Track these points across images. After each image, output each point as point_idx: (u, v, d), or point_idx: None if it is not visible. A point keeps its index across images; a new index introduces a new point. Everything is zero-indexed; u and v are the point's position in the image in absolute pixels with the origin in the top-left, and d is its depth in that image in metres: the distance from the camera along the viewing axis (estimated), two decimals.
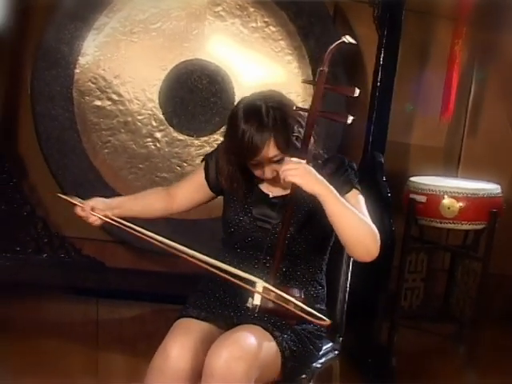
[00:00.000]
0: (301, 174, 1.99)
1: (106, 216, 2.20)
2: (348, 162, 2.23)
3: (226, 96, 3.88)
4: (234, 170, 2.21)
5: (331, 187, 2.03)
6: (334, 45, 2.04)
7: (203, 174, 2.35)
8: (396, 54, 3.61)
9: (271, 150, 2.10)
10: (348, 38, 2.03)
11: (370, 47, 3.81)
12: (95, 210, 2.21)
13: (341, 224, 2.04)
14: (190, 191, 2.37)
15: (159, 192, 2.41)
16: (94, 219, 2.21)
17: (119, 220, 2.18)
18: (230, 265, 2.08)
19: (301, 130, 2.13)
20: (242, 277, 2.02)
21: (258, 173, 2.18)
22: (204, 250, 2.10)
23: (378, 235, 2.09)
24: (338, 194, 2.03)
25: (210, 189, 2.35)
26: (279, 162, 2.12)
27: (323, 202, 2.01)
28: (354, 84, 2.09)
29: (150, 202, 2.37)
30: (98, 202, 2.24)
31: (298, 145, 2.11)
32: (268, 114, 2.10)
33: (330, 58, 2.03)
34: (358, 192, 2.18)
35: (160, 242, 2.09)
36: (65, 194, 2.32)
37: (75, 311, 3.80)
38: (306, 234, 2.14)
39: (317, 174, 2.03)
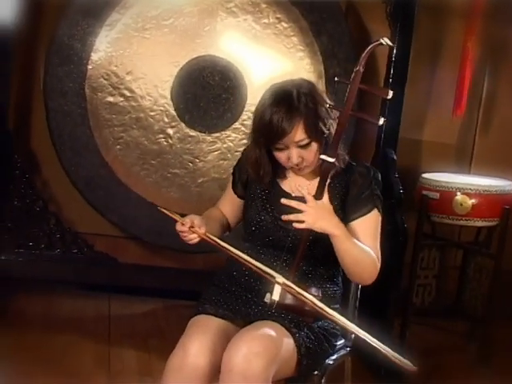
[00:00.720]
0: (313, 219, 2.02)
1: (204, 234, 2.14)
2: (374, 173, 2.24)
3: (237, 92, 3.88)
4: (262, 155, 2.20)
5: (342, 226, 2.07)
6: (371, 46, 2.05)
7: (231, 186, 2.38)
8: (409, 50, 3.60)
9: (299, 134, 2.11)
10: (386, 40, 2.04)
11: None
12: (194, 226, 2.15)
13: (345, 258, 2.12)
14: (231, 207, 2.40)
15: (220, 211, 2.40)
16: (193, 236, 2.15)
17: (215, 238, 2.14)
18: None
19: (331, 121, 2.15)
20: (263, 270, 2.04)
21: (283, 159, 2.17)
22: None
23: (379, 265, 2.17)
24: (347, 233, 2.08)
25: (239, 197, 2.36)
26: (306, 147, 2.13)
27: (332, 239, 2.07)
28: (365, 80, 2.09)
29: (222, 222, 2.37)
30: (196, 218, 2.18)
31: (326, 131, 2.13)
32: (299, 98, 2.12)
33: (367, 59, 2.03)
34: (377, 214, 2.21)
35: (251, 263, 2.08)
36: (162, 208, 2.24)
37: (87, 307, 3.81)
38: (326, 237, 2.14)
39: (330, 211, 2.06)
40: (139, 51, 3.79)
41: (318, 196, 2.08)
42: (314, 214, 2.02)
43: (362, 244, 2.12)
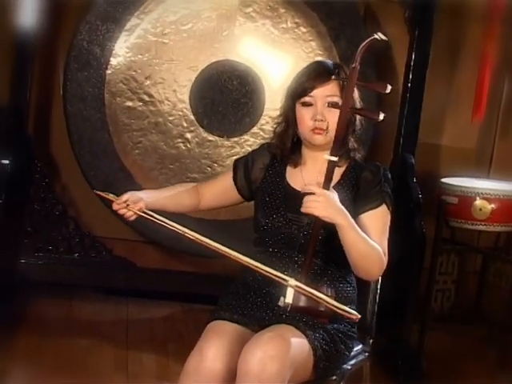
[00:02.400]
0: (322, 206, 2.02)
1: (140, 210, 2.22)
2: (384, 171, 2.26)
3: (256, 97, 3.89)
4: (292, 111, 2.26)
5: (349, 217, 2.07)
6: (366, 41, 2.06)
7: (231, 176, 2.39)
8: (427, 54, 3.60)
9: (332, 87, 2.20)
10: (380, 35, 2.05)
11: (401, 48, 3.79)
12: (130, 203, 2.23)
13: (351, 251, 2.10)
14: (218, 191, 2.42)
15: (189, 188, 2.44)
16: (130, 214, 2.24)
17: (153, 214, 2.20)
18: (261, 263, 2.09)
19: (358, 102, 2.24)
20: (274, 275, 2.04)
21: (307, 117, 2.21)
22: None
23: (386, 260, 2.16)
24: (354, 225, 2.08)
25: (238, 191, 2.38)
26: (333, 106, 2.16)
27: (339, 230, 2.07)
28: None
29: (181, 198, 2.41)
30: (132, 195, 2.27)
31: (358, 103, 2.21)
32: (338, 64, 2.32)
33: (362, 55, 2.04)
34: (386, 209, 2.21)
35: (192, 236, 2.11)
36: (98, 191, 2.33)
37: (106, 311, 3.82)
38: (337, 234, 2.14)
39: (337, 201, 2.06)
40: (158, 56, 3.81)
41: (324, 187, 2.08)
42: (323, 201, 2.02)
43: (368, 238, 2.12)
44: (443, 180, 3.84)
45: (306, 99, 2.21)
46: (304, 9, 3.88)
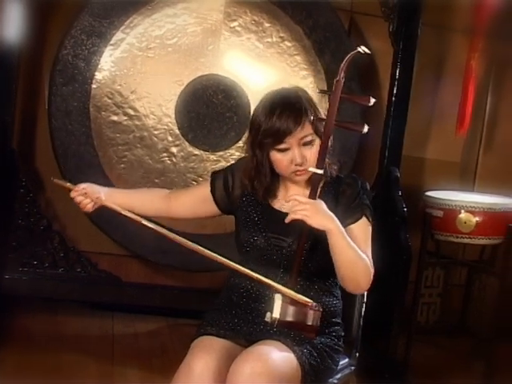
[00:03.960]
0: (310, 213, 2.02)
1: (97, 198, 2.23)
2: (361, 183, 2.25)
3: (241, 111, 3.89)
4: (265, 159, 2.20)
5: (338, 223, 2.07)
6: (349, 55, 2.07)
7: (209, 188, 2.35)
8: (412, 68, 3.62)
9: (306, 128, 2.13)
10: (363, 49, 2.06)
11: (385, 61, 3.82)
12: (88, 193, 2.24)
13: (340, 260, 2.09)
14: (192, 201, 2.38)
15: (160, 191, 2.43)
16: (87, 202, 2.25)
17: (111, 204, 2.22)
18: (246, 279, 2.09)
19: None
20: (263, 281, 2.05)
21: (285, 162, 2.16)
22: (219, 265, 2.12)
23: (373, 271, 2.15)
24: (343, 231, 2.08)
25: (216, 203, 2.33)
26: (309, 145, 2.15)
27: (329, 236, 2.06)
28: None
29: (149, 199, 2.38)
30: (90, 185, 2.28)
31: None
32: (301, 98, 2.19)
33: (346, 68, 2.05)
34: (366, 221, 2.21)
35: (155, 229, 2.13)
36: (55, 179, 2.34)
37: (91, 326, 3.80)
38: (321, 250, 2.15)
39: (326, 209, 2.06)
40: (143, 70, 3.81)
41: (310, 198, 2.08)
42: (310, 208, 2.02)
43: (357, 247, 2.11)
44: (428, 193, 3.86)
45: (282, 146, 2.15)
46: (289, 23, 3.90)
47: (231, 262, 2.08)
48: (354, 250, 2.10)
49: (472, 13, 4.08)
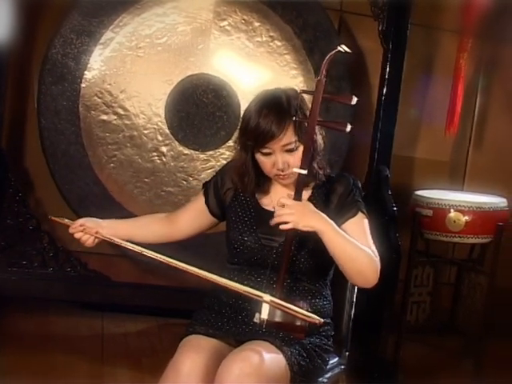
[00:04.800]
0: (297, 217, 2.02)
1: (96, 233, 2.21)
2: (353, 181, 2.26)
3: (231, 110, 3.89)
4: (248, 160, 2.21)
5: (329, 221, 2.06)
6: (329, 54, 2.07)
7: (203, 200, 2.36)
8: (401, 67, 3.62)
9: (288, 136, 2.12)
10: (343, 47, 2.06)
11: (375, 61, 3.82)
12: (86, 228, 2.22)
13: (340, 257, 2.09)
14: (192, 217, 2.38)
15: (159, 217, 2.41)
16: (86, 238, 2.23)
17: (111, 237, 2.20)
18: (235, 282, 2.09)
19: (318, 130, 2.18)
20: (249, 293, 2.03)
21: (268, 165, 2.17)
22: (209, 265, 2.12)
23: (379, 263, 2.14)
24: (336, 227, 2.07)
25: (211, 213, 2.35)
26: (292, 151, 2.14)
27: (322, 236, 2.06)
28: (358, 97, 2.10)
29: (150, 227, 2.37)
30: (88, 220, 2.26)
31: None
32: (288, 102, 2.16)
33: (327, 68, 2.05)
34: (363, 216, 2.21)
35: (155, 256, 2.10)
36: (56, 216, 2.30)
37: (80, 325, 3.80)
38: (310, 250, 2.14)
39: (313, 209, 2.06)
40: (133, 69, 3.80)
41: (296, 199, 2.08)
42: (296, 213, 2.02)
43: (355, 241, 2.10)
44: (418, 192, 3.86)
45: (264, 150, 2.16)
46: (278, 22, 3.90)
47: (238, 285, 2.06)
48: (352, 244, 2.09)
49: (461, 12, 4.09)
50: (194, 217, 2.37)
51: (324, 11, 3.94)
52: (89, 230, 2.23)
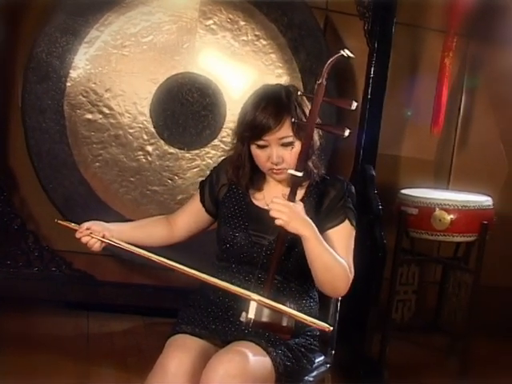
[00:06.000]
0: (287, 217, 2.02)
1: (103, 237, 2.19)
2: (347, 186, 2.26)
3: (216, 109, 3.89)
4: (244, 151, 2.21)
5: (314, 229, 2.06)
6: (332, 58, 2.05)
7: (199, 199, 2.37)
8: (386, 66, 3.63)
9: (284, 130, 2.13)
10: (347, 52, 2.04)
11: (360, 60, 3.82)
12: (93, 231, 2.20)
13: (316, 264, 2.09)
14: (190, 218, 2.38)
15: (160, 220, 2.40)
16: (93, 242, 2.21)
17: (117, 241, 2.18)
18: (223, 280, 2.09)
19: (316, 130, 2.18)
20: (237, 291, 2.03)
21: (263, 158, 2.18)
22: (197, 263, 2.11)
23: (351, 276, 2.15)
24: (319, 236, 2.07)
25: (207, 211, 2.36)
26: (288, 146, 2.15)
27: (304, 241, 2.06)
28: (344, 97, 2.10)
29: (152, 230, 2.37)
30: (94, 223, 2.24)
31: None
32: (288, 97, 2.16)
33: (329, 71, 2.04)
34: (349, 225, 2.21)
35: (160, 260, 2.10)
36: (65, 219, 2.29)
37: (66, 325, 3.78)
38: (299, 250, 2.15)
39: (303, 213, 2.06)
40: (118, 68, 3.79)
41: (289, 201, 2.08)
42: (288, 212, 2.02)
43: (334, 252, 2.11)
44: (403, 191, 3.87)
45: (260, 143, 2.16)
46: (264, 21, 3.90)
47: (227, 284, 2.07)
48: (330, 255, 2.09)
49: (446, 11, 4.10)
50: (191, 217, 2.38)
51: (309, 10, 3.95)
52: (96, 233, 2.20)
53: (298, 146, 2.14)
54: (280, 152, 2.16)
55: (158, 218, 2.42)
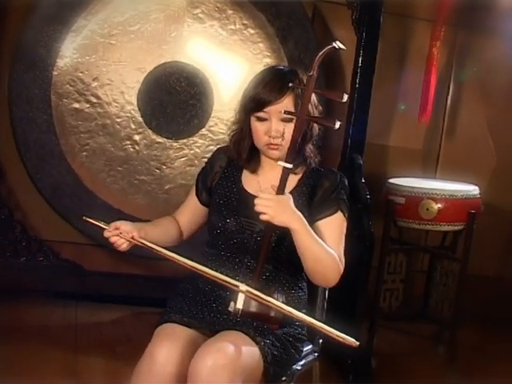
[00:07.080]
0: (273, 211, 2.01)
1: (133, 238, 2.16)
2: (340, 177, 2.27)
3: (204, 98, 3.88)
4: (246, 124, 2.23)
5: (303, 221, 2.06)
6: (324, 50, 2.05)
7: (194, 191, 2.37)
8: (374, 56, 3.62)
9: (287, 102, 2.16)
10: (338, 44, 2.04)
11: (348, 49, 3.78)
12: (122, 231, 2.17)
13: (306, 255, 2.10)
14: (190, 213, 2.39)
15: (172, 220, 2.39)
16: (122, 242, 2.17)
17: (146, 242, 2.15)
18: (212, 268, 2.09)
19: (317, 111, 2.24)
20: (225, 281, 2.03)
21: (261, 132, 2.19)
22: (186, 251, 2.11)
23: (342, 267, 2.16)
24: (309, 228, 2.07)
25: (202, 203, 2.35)
26: (288, 121, 2.16)
27: (294, 234, 2.06)
28: (332, 86, 2.10)
29: (169, 230, 2.36)
30: (123, 223, 2.19)
31: (312, 112, 2.18)
32: (291, 73, 2.22)
33: (320, 63, 2.04)
34: (341, 216, 2.22)
35: (188, 264, 2.08)
36: (90, 217, 2.23)
37: (54, 315, 3.78)
38: (289, 240, 2.14)
39: (291, 206, 2.05)
40: (105, 57, 3.78)
41: (278, 193, 2.08)
42: (273, 207, 2.01)
43: (324, 243, 2.12)
44: (391, 180, 3.88)
45: (261, 114, 2.18)
46: (252, 10, 3.89)
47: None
48: (320, 246, 2.10)
49: (434, 1, 4.10)
50: (192, 212, 2.39)
51: None
52: (125, 234, 2.17)
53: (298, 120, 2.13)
54: (279, 126, 2.17)
55: (169, 218, 2.41)
